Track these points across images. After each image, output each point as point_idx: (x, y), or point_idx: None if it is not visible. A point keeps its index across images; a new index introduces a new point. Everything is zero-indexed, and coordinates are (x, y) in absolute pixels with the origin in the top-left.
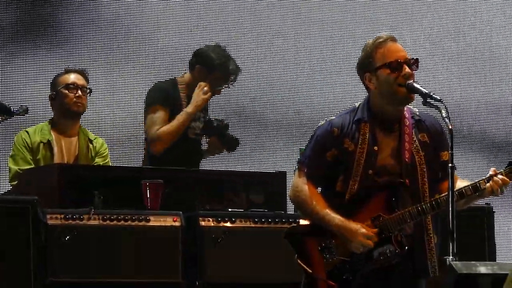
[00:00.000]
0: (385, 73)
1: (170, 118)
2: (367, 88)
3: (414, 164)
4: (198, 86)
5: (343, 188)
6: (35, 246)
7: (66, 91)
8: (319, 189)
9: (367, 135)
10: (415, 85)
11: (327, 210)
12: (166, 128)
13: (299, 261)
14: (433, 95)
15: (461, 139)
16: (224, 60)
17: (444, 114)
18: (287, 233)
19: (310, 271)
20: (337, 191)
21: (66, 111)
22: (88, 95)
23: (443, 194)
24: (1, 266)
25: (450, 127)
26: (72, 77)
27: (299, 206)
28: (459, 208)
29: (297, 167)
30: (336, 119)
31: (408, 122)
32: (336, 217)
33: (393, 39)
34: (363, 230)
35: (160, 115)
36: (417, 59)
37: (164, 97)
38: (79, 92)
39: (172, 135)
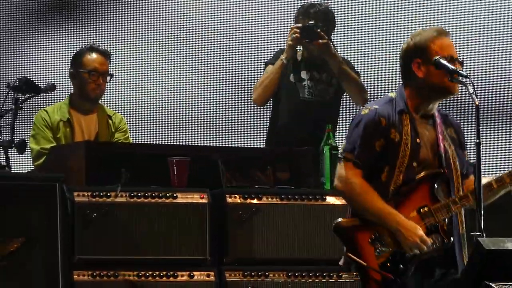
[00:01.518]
0: None
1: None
2: (409, 74)
3: (449, 157)
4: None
5: (388, 178)
6: (62, 224)
7: (87, 76)
8: None
9: (409, 127)
10: (442, 61)
11: (385, 205)
12: (260, 79)
13: (349, 254)
14: (460, 71)
15: (487, 116)
16: (304, 4)
17: (470, 90)
18: (334, 230)
19: (364, 263)
20: (382, 181)
21: (84, 95)
22: (108, 80)
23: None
24: (29, 244)
25: (476, 103)
26: (95, 61)
27: (352, 198)
28: (489, 201)
29: (343, 155)
30: (380, 108)
31: (438, 117)
32: (396, 214)
33: (447, 34)
34: (421, 232)
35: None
36: (463, 61)
37: (276, 57)
38: (100, 80)
39: (264, 84)
